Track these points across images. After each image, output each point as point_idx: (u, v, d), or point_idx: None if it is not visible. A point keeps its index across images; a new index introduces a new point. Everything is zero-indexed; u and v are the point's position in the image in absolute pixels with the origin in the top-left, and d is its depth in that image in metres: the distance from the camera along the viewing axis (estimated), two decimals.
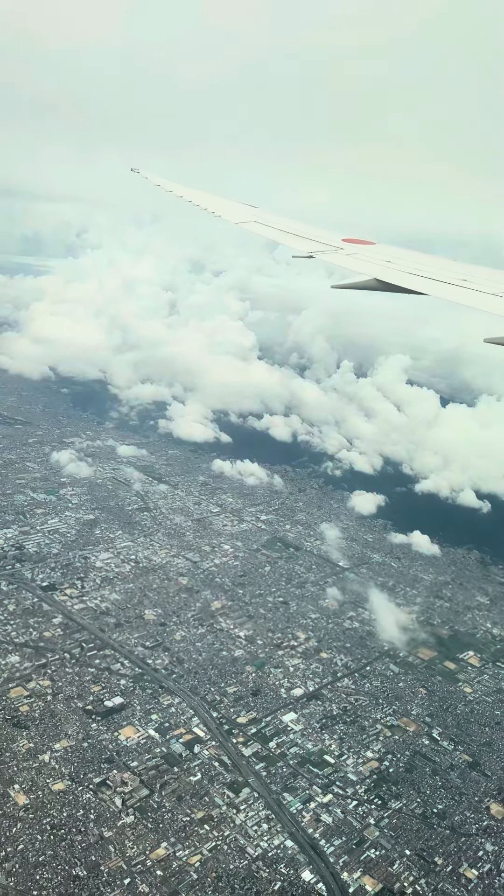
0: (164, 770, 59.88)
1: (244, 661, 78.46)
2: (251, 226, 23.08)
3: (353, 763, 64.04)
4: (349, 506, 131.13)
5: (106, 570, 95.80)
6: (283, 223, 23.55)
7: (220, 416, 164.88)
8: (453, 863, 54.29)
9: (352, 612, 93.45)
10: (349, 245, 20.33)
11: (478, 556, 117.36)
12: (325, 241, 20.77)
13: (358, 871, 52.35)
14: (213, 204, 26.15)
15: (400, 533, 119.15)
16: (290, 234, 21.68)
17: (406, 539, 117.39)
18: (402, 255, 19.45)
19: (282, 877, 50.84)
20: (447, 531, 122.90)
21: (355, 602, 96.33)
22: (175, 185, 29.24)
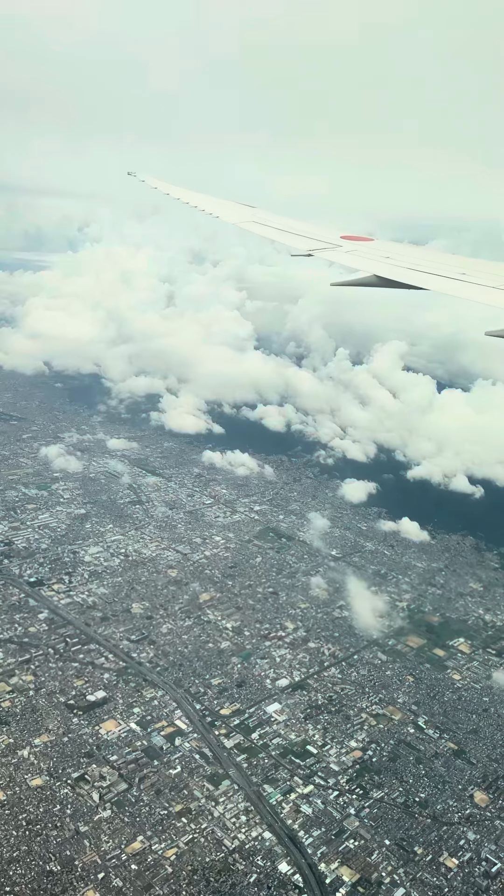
0: (144, 763, 59.69)
1: (230, 652, 78.12)
2: (249, 226, 23.34)
3: (336, 753, 63.61)
4: (342, 494, 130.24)
5: (95, 565, 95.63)
6: (280, 222, 23.79)
7: (214, 407, 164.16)
8: (433, 852, 53.84)
9: (341, 602, 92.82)
10: (348, 242, 20.49)
11: (473, 541, 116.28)
12: (324, 238, 20.92)
13: (336, 862, 51.99)
14: (211, 205, 26.49)
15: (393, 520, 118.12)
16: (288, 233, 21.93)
17: (395, 526, 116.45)
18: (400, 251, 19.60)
19: (258, 869, 50.56)
20: (441, 518, 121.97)
21: (345, 591, 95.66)
22: (172, 187, 29.56)
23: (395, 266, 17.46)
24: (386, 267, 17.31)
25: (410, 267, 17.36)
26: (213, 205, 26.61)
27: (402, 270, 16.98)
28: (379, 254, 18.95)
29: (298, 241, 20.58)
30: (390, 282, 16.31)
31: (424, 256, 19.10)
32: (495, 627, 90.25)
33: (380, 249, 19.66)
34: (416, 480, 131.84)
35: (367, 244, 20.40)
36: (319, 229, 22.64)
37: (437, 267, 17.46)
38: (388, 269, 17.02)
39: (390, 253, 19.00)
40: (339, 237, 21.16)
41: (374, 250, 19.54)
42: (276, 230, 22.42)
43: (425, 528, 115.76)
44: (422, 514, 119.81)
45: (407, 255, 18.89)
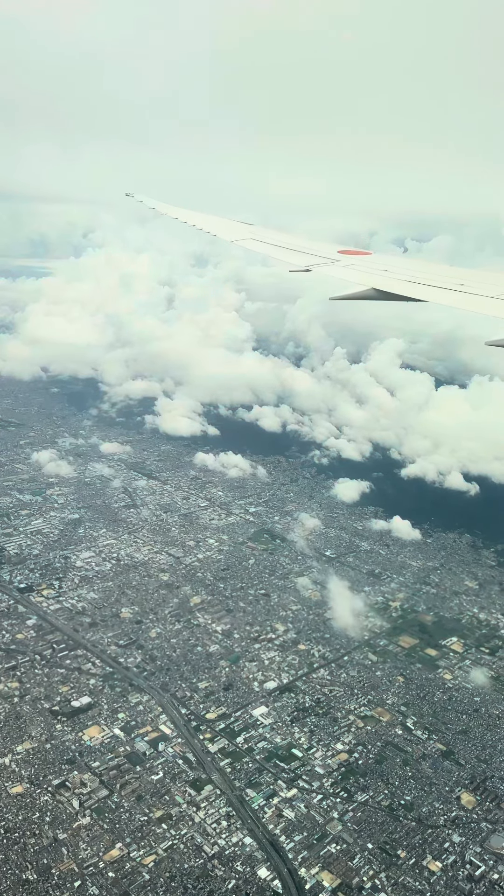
0: (126, 770, 59.32)
1: (219, 655, 77.65)
2: (247, 243, 23.63)
3: (322, 756, 62.94)
4: (338, 494, 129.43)
5: (85, 570, 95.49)
6: (278, 238, 24.03)
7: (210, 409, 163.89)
8: (417, 855, 53.07)
9: (333, 603, 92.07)
10: (345, 256, 20.74)
11: (469, 539, 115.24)
12: (321, 253, 21.22)
13: (316, 867, 51.34)
14: (209, 223, 26.86)
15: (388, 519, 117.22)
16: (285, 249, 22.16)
17: (387, 525, 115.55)
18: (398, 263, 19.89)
19: (237, 875, 50.02)
20: (438, 516, 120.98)
21: (337, 592, 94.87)
22: (170, 207, 29.96)
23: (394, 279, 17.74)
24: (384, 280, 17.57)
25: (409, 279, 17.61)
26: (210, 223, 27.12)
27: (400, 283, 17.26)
28: (377, 267, 19.21)
29: (296, 257, 20.90)
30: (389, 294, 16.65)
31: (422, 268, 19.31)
32: (489, 626, 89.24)
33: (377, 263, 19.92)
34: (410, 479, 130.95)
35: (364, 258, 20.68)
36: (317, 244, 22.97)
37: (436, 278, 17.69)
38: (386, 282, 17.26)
39: (388, 266, 19.27)
40: (336, 252, 21.44)
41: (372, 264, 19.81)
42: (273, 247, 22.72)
43: (417, 526, 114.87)
44: (417, 512, 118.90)
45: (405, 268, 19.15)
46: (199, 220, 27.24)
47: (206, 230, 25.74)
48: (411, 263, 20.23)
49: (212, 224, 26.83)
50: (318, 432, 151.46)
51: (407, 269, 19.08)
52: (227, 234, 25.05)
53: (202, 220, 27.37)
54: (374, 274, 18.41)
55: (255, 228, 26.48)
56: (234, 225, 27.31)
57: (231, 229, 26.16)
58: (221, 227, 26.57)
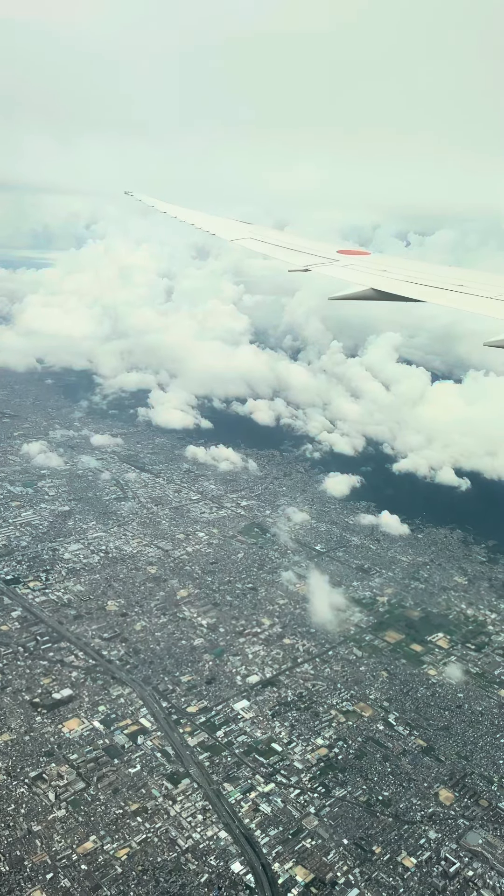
0: (104, 762, 59.26)
1: (203, 649, 77.51)
2: (246, 242, 23.68)
3: (301, 751, 62.81)
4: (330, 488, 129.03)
5: (73, 562, 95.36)
6: (277, 238, 24.11)
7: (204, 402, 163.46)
8: (392, 851, 52.95)
9: (321, 597, 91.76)
10: (344, 256, 20.84)
11: (461, 535, 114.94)
12: (321, 253, 21.32)
13: (290, 862, 51.26)
14: (208, 222, 26.90)
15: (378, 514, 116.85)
16: (285, 249, 22.23)
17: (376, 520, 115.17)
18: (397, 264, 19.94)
19: (210, 869, 49.95)
20: (430, 511, 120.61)
21: (326, 586, 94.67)
22: (169, 205, 30.03)
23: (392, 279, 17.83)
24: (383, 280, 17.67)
25: (407, 280, 17.71)
26: (210, 222, 27.11)
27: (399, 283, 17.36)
28: (376, 267, 19.30)
29: (295, 257, 20.98)
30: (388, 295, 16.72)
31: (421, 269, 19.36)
32: (476, 622, 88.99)
33: (376, 263, 19.99)
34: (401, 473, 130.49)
35: (363, 258, 20.73)
36: (316, 244, 23.01)
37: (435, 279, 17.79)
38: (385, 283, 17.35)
39: (387, 266, 19.37)
40: (335, 252, 21.52)
41: (371, 264, 19.87)
42: (272, 246, 22.74)
43: (408, 521, 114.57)
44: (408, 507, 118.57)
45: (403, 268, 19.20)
46: (198, 219, 27.37)
47: (205, 229, 25.87)
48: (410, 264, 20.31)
49: (211, 223, 26.96)
50: (312, 426, 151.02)
51: (406, 269, 19.22)
52: (227, 233, 25.17)
53: (202, 219, 27.49)
54: (373, 274, 18.57)
55: (254, 228, 26.60)
56: (234, 224, 27.44)
57: (230, 228, 26.28)
58: (221, 226, 26.69)
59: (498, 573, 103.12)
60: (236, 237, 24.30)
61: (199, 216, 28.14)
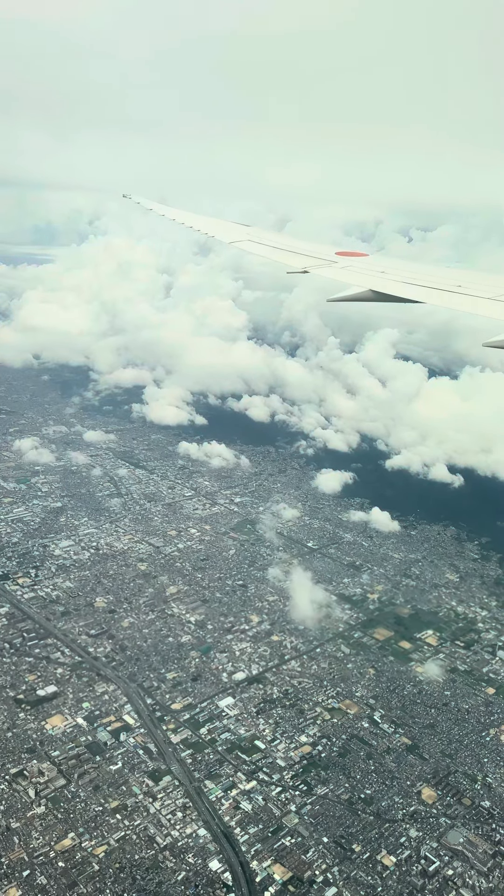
0: (86, 759, 59.17)
1: (190, 646, 77.34)
2: (245, 245, 23.70)
3: (285, 748, 62.61)
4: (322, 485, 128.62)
5: (63, 558, 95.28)
6: (276, 240, 24.22)
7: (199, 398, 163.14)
8: (371, 850, 52.73)
9: (311, 594, 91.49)
10: (343, 258, 20.89)
11: (454, 532, 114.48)
12: (319, 255, 21.46)
13: (269, 860, 51.08)
14: (206, 225, 27.09)
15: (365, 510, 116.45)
16: (283, 251, 22.33)
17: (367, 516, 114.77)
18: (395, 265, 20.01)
19: (188, 867, 49.83)
20: (424, 508, 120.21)
21: (316, 583, 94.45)
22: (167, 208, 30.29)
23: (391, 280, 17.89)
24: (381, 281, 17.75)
25: (406, 281, 17.81)
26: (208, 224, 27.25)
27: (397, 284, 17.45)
28: (374, 268, 19.37)
29: (294, 259, 21.08)
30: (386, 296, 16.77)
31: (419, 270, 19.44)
32: (466, 619, 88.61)
33: (374, 264, 20.05)
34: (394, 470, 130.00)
35: (361, 259, 20.84)
36: (314, 246, 23.11)
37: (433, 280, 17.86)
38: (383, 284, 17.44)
39: (385, 268, 19.40)
40: (333, 253, 21.60)
41: (369, 265, 19.93)
42: (271, 248, 22.83)
43: (402, 518, 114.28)
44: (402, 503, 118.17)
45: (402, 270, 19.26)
46: (196, 222, 27.50)
47: (203, 231, 25.99)
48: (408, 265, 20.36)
49: (209, 225, 27.06)
50: (306, 423, 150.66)
51: (404, 270, 19.26)
52: (225, 235, 25.24)
53: (200, 222, 27.64)
54: (372, 275, 18.61)
55: (252, 230, 26.63)
56: (232, 226, 27.52)
57: (229, 230, 26.36)
58: (219, 228, 26.77)
59: (490, 570, 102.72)
60: (234, 239, 24.47)
61: (197, 218, 28.39)
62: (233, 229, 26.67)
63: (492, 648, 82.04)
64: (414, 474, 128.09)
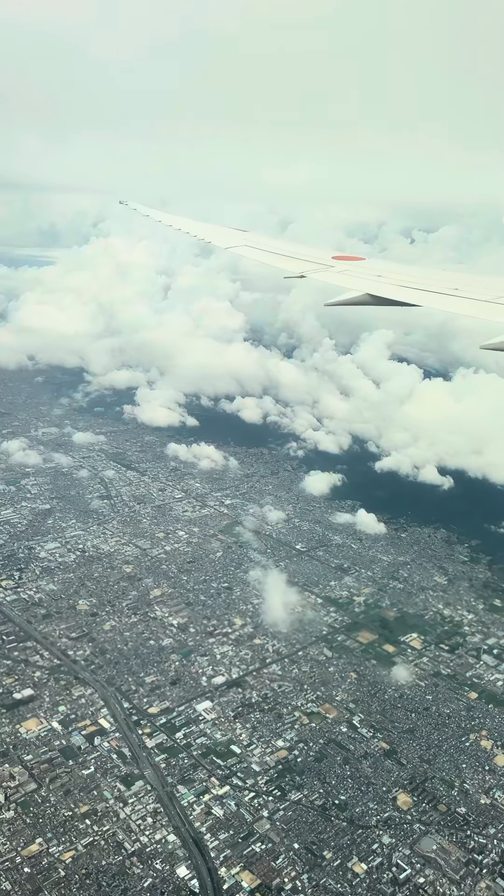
0: (58, 763, 58.80)
1: (171, 649, 76.90)
2: (242, 250, 23.86)
3: (261, 753, 62.03)
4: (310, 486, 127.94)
5: (48, 560, 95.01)
6: (273, 245, 24.41)
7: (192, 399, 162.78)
8: (343, 857, 52.12)
9: (296, 597, 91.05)
10: (339, 262, 21.11)
11: (444, 534, 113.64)
12: (316, 259, 21.66)
13: (237, 867, 50.54)
14: (203, 230, 27.19)
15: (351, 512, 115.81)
16: (280, 256, 22.49)
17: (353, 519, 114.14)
18: (392, 269, 20.17)
19: (155, 873, 49.35)
20: (415, 510, 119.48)
21: (302, 586, 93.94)
22: (163, 214, 30.45)
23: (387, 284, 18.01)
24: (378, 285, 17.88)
25: (402, 284, 17.91)
26: (205, 230, 27.34)
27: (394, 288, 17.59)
28: (371, 272, 19.51)
29: (291, 264, 21.21)
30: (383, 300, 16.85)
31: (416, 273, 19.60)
32: (452, 622, 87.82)
33: (371, 268, 20.19)
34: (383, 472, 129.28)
35: (358, 263, 20.98)
36: (311, 250, 23.30)
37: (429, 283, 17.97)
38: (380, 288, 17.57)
39: (382, 271, 19.53)
40: (330, 258, 21.81)
41: (366, 269, 20.09)
42: (268, 253, 23.01)
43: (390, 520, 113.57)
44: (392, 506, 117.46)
45: (398, 273, 19.39)
46: (193, 227, 27.55)
47: (200, 237, 26.08)
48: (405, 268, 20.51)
49: (206, 231, 27.16)
50: (298, 424, 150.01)
51: (401, 273, 19.37)
52: (222, 241, 25.40)
53: (196, 227, 27.70)
54: (369, 279, 18.75)
55: (249, 235, 26.74)
56: (229, 231, 27.70)
57: (226, 236, 26.53)
58: (216, 234, 26.95)
59: (479, 573, 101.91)
60: (231, 244, 24.61)
61: (194, 224, 28.52)
62: (229, 234, 27.00)
63: (476, 652, 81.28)
64: (404, 476, 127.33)
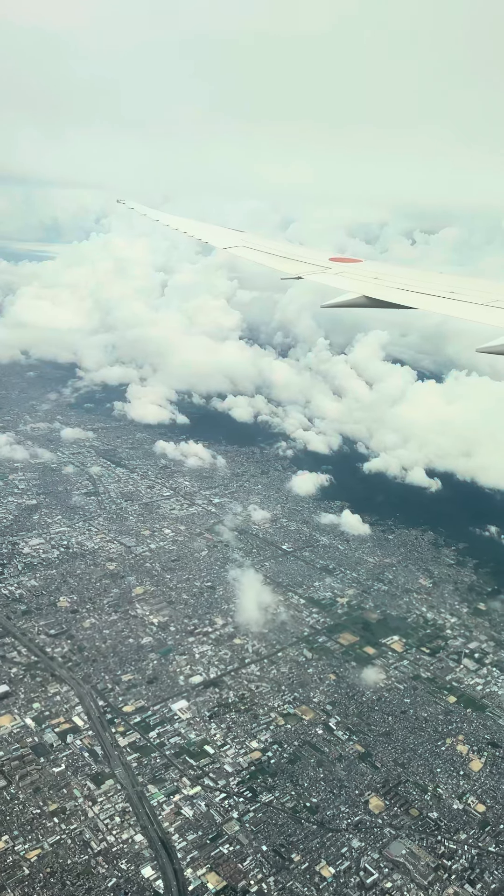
0: (29, 761, 58.47)
1: (149, 648, 76.55)
2: (239, 251, 23.71)
3: (234, 754, 61.71)
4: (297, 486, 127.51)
5: (32, 556, 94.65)
6: (270, 246, 24.27)
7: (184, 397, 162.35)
8: (311, 860, 51.78)
9: (279, 597, 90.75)
10: (337, 264, 21.05)
11: (431, 537, 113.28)
12: (313, 261, 21.63)
13: (204, 868, 50.21)
14: (201, 230, 27.09)
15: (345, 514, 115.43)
16: (277, 257, 22.43)
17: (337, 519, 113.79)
18: (389, 271, 20.16)
19: (120, 873, 49.04)
20: (404, 512, 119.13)
21: (285, 586, 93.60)
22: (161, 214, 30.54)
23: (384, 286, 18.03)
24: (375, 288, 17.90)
25: (399, 287, 17.90)
26: (202, 230, 27.18)
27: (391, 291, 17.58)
28: (368, 274, 19.52)
29: (288, 266, 21.15)
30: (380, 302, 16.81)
31: (413, 276, 19.54)
32: (435, 626, 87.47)
33: (368, 270, 20.21)
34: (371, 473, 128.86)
35: (355, 265, 20.94)
36: (308, 252, 23.23)
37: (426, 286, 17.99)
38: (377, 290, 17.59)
39: (379, 274, 19.54)
40: (327, 259, 21.72)
41: (363, 271, 20.09)
42: (265, 255, 22.91)
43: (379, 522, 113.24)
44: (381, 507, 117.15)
45: (395, 276, 19.36)
46: (190, 227, 27.42)
47: (197, 237, 25.98)
48: (402, 271, 20.44)
49: (203, 231, 27.02)
50: (289, 423, 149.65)
51: (398, 276, 19.31)
52: (219, 241, 25.31)
53: (194, 227, 27.58)
54: (365, 281, 18.75)
55: (246, 235, 26.59)
56: (227, 232, 27.63)
57: (223, 236, 26.44)
58: (213, 234, 26.85)
59: (464, 576, 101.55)
60: (228, 245, 24.46)
61: (192, 224, 28.40)
62: (226, 235, 26.86)
63: (458, 656, 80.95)
64: (391, 478, 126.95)
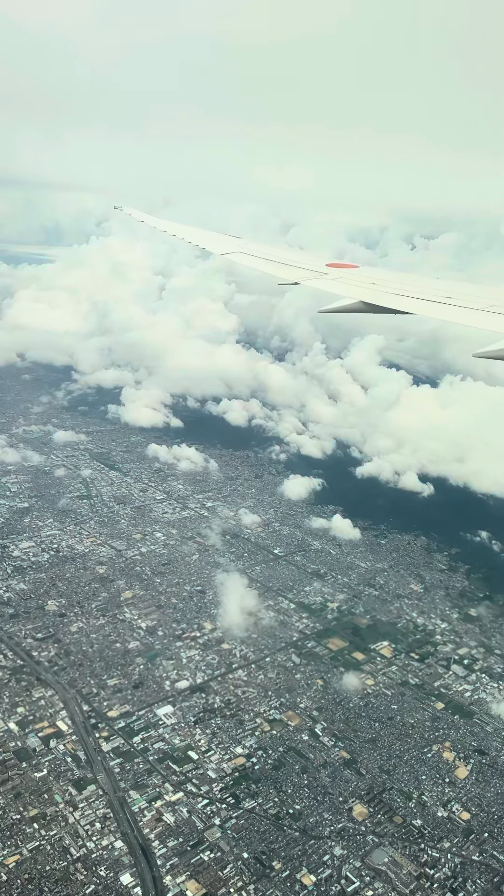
0: (12, 765, 58.11)
1: (136, 652, 76.22)
2: (236, 256, 23.75)
3: (218, 760, 61.35)
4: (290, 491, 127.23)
5: (21, 560, 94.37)
6: (267, 251, 24.38)
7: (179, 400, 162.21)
8: (292, 868, 51.40)
9: (269, 602, 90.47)
10: (334, 270, 21.12)
11: (424, 542, 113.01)
12: (310, 266, 21.74)
13: (183, 875, 49.85)
14: (197, 236, 27.27)
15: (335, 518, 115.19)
16: (274, 263, 22.52)
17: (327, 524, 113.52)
18: (386, 277, 20.24)
19: (98, 880, 48.66)
20: (396, 517, 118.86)
21: (276, 591, 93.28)
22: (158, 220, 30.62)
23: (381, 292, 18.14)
24: (372, 293, 18.01)
25: (396, 292, 18.00)
26: (199, 236, 27.37)
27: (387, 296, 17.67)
28: (365, 280, 19.60)
29: (285, 271, 21.29)
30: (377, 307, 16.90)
31: (410, 281, 19.66)
32: (425, 631, 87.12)
33: (365, 276, 20.29)
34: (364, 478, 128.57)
35: (352, 271, 21.04)
36: (306, 257, 23.38)
37: (423, 291, 18.10)
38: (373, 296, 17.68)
39: (375, 279, 19.65)
40: (324, 265, 21.81)
41: (360, 277, 20.17)
42: (262, 260, 22.99)
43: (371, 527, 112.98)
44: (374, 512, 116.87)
45: (392, 281, 19.46)
46: (187, 233, 27.56)
47: (194, 243, 26.12)
48: (399, 276, 20.57)
49: (200, 237, 27.17)
50: (283, 427, 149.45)
51: (395, 281, 19.41)
52: (216, 247, 25.37)
53: (190, 233, 27.75)
54: (362, 287, 18.86)
55: (243, 242, 26.72)
56: (223, 238, 27.67)
57: (220, 242, 26.53)
58: (210, 240, 26.91)
59: (456, 582, 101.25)
60: (226, 251, 24.50)
61: (189, 230, 28.50)
62: (223, 241, 26.86)
63: (447, 662, 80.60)
64: (384, 482, 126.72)
